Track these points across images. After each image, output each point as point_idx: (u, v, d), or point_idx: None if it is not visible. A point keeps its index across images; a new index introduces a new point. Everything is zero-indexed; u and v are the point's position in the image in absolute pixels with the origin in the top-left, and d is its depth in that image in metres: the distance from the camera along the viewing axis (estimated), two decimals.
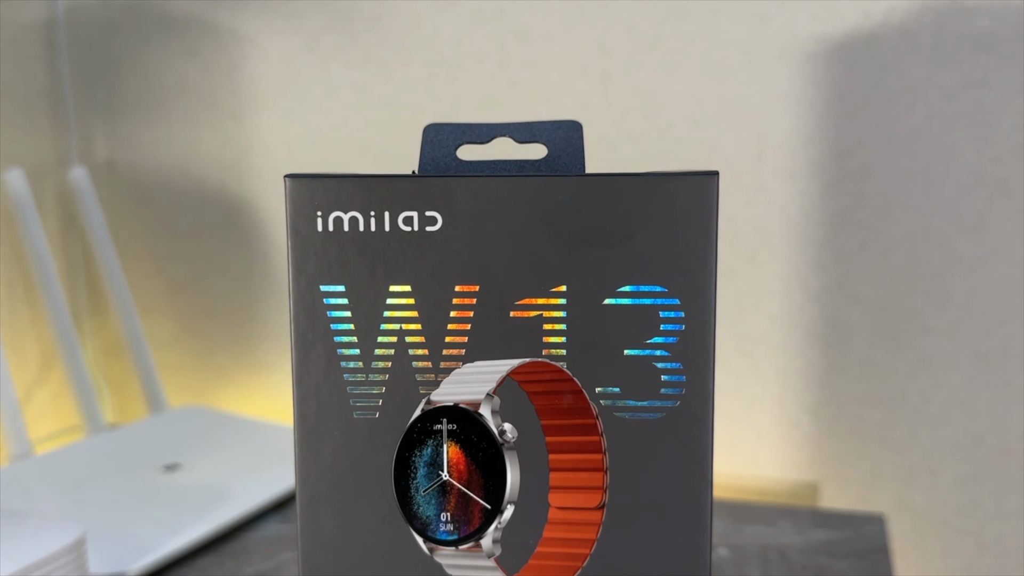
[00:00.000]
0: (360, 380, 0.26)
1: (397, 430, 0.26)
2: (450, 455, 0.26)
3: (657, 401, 0.26)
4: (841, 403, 0.61)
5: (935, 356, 0.59)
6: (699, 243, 0.25)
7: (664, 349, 0.26)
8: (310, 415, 0.27)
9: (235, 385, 0.74)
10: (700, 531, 0.27)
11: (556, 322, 0.26)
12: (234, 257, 0.72)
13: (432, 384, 0.26)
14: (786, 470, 0.63)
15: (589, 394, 0.26)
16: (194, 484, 0.55)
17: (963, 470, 0.59)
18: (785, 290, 0.61)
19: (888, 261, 0.59)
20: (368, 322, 0.26)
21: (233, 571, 0.48)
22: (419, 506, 0.27)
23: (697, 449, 0.26)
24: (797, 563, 0.49)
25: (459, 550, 0.27)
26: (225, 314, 0.74)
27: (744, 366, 0.62)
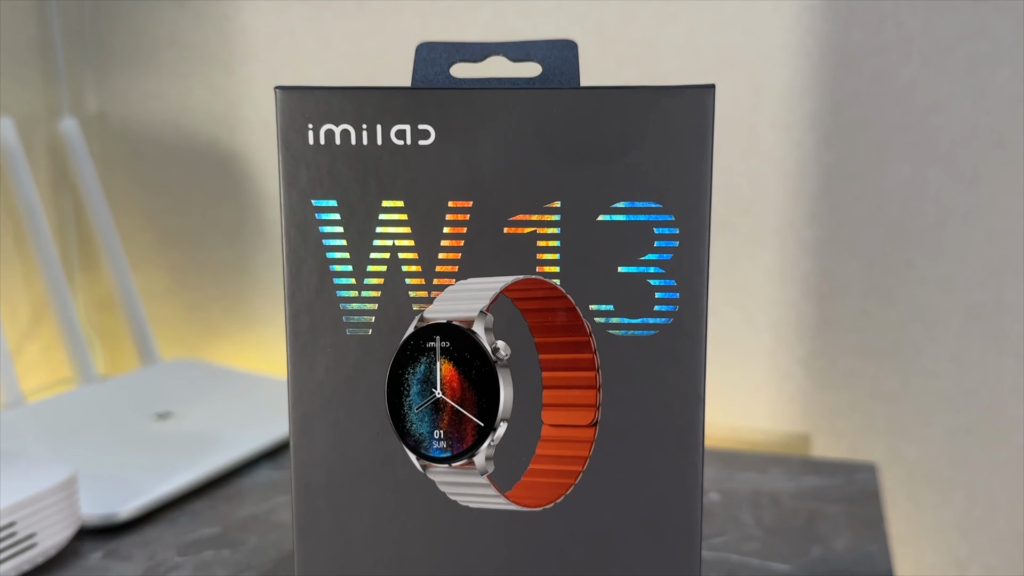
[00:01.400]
0: (353, 296, 0.26)
1: (390, 347, 0.26)
2: (443, 372, 0.26)
3: (650, 319, 0.26)
4: (834, 355, 0.61)
5: (928, 308, 0.59)
6: (695, 158, 0.25)
7: (658, 266, 0.26)
8: (302, 332, 0.26)
9: (228, 339, 0.74)
10: (692, 448, 0.27)
11: (550, 239, 0.26)
12: (226, 210, 0.72)
13: (425, 301, 0.26)
14: (778, 422, 0.63)
15: (582, 311, 0.26)
16: (186, 431, 0.55)
17: (955, 422, 0.59)
18: (780, 242, 0.61)
19: (882, 213, 0.59)
20: (360, 237, 0.26)
21: (226, 514, 0.48)
22: (412, 423, 0.27)
23: (689, 366, 0.26)
24: (788, 507, 0.49)
25: (452, 467, 0.27)
26: (217, 268, 0.73)
27: (738, 319, 0.62)
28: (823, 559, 0.43)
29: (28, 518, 0.40)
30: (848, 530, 0.46)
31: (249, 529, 0.46)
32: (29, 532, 0.40)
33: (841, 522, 0.47)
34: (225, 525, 0.47)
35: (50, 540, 0.41)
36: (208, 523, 0.47)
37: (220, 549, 0.44)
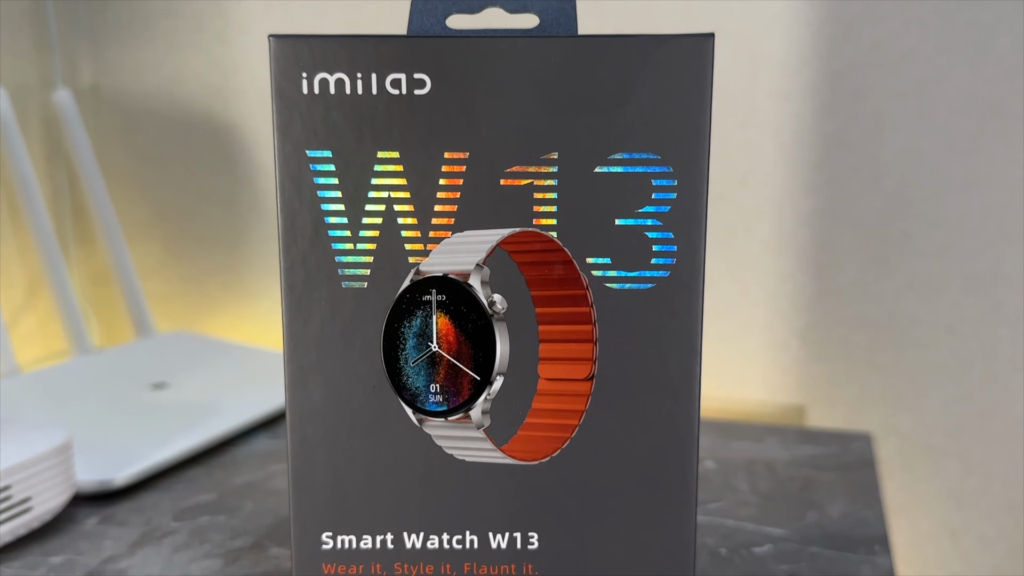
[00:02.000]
0: (348, 249, 0.26)
1: (386, 300, 0.26)
2: (439, 326, 0.26)
3: (647, 271, 0.26)
4: (830, 326, 0.61)
5: (925, 279, 0.59)
6: (693, 109, 0.25)
7: (656, 218, 0.26)
8: (297, 285, 0.26)
9: (224, 313, 0.74)
10: (688, 402, 0.27)
11: (547, 191, 0.26)
12: (221, 183, 0.72)
13: (421, 254, 0.26)
14: (774, 393, 0.63)
15: (579, 265, 0.26)
16: (182, 401, 0.55)
17: (950, 393, 0.60)
18: (776, 213, 0.61)
19: (880, 184, 0.59)
20: (356, 189, 0.26)
21: (222, 481, 0.48)
22: (408, 377, 0.27)
23: (687, 320, 0.26)
24: (784, 475, 0.49)
25: (448, 421, 0.27)
26: (213, 241, 0.73)
27: (734, 290, 0.62)
28: (818, 524, 0.43)
29: (23, 482, 0.40)
30: (843, 497, 0.46)
31: (245, 496, 0.46)
32: (24, 496, 0.40)
33: (836, 489, 0.47)
34: (221, 492, 0.47)
35: (45, 505, 0.41)
36: (204, 490, 0.47)
37: (216, 515, 0.44)
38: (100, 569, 0.39)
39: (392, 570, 0.28)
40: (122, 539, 0.42)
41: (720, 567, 0.39)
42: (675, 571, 0.27)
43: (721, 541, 0.41)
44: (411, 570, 0.28)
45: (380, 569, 0.28)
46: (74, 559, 0.40)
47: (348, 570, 0.28)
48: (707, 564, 0.39)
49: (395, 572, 0.28)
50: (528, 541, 0.27)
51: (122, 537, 0.42)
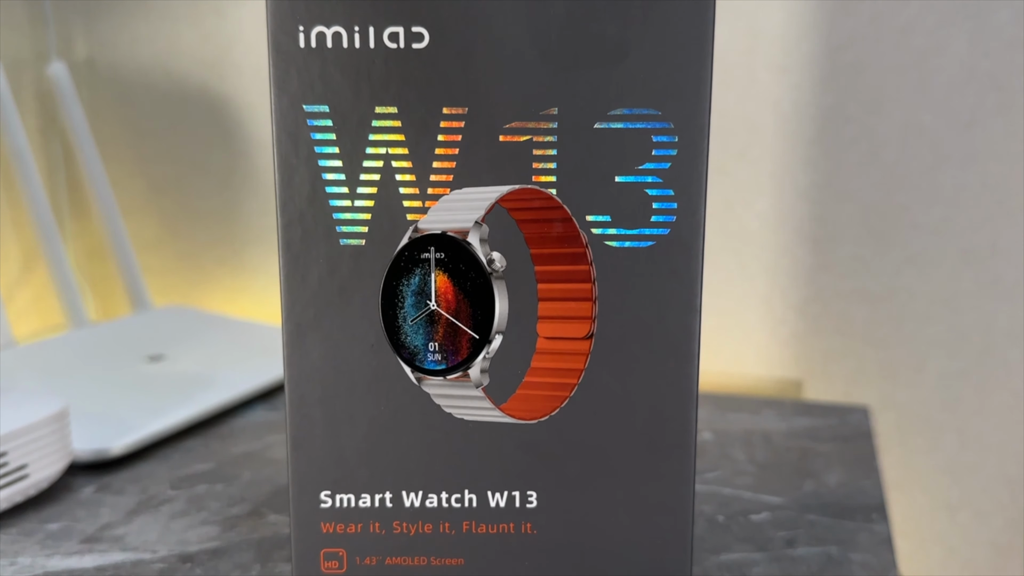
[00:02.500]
0: (346, 206, 0.26)
1: (384, 258, 0.26)
2: (438, 284, 0.26)
3: (647, 229, 0.26)
4: (827, 300, 0.61)
5: (923, 253, 0.59)
6: (694, 64, 0.25)
7: (656, 175, 0.26)
8: (295, 242, 0.26)
9: (220, 288, 0.74)
10: (687, 361, 0.27)
11: (546, 147, 0.25)
12: (217, 157, 0.71)
13: (420, 211, 0.26)
14: (771, 368, 0.63)
15: (579, 222, 0.26)
16: (179, 373, 0.55)
17: (947, 367, 0.60)
18: (775, 187, 0.61)
19: (878, 157, 0.59)
20: (353, 145, 0.25)
21: (219, 451, 0.48)
22: (407, 336, 0.26)
23: (686, 278, 0.26)
24: (781, 446, 0.49)
25: (447, 380, 0.27)
26: (209, 215, 0.73)
27: (732, 264, 0.62)
28: (815, 493, 0.43)
29: (19, 449, 0.40)
30: (841, 467, 0.46)
31: (243, 465, 0.46)
32: (20, 463, 0.40)
33: (834, 459, 0.47)
34: (219, 461, 0.47)
35: (42, 472, 0.41)
36: (201, 459, 0.47)
37: (214, 483, 0.44)
38: (97, 535, 0.39)
39: (391, 529, 0.28)
40: (119, 507, 0.41)
41: (717, 534, 0.39)
42: (674, 529, 0.27)
43: (718, 509, 0.41)
44: (410, 529, 0.28)
45: (379, 528, 0.28)
46: (71, 526, 0.40)
47: (347, 529, 0.28)
48: (704, 530, 0.39)
49: (393, 531, 0.28)
50: (527, 500, 0.27)
51: (119, 505, 0.42)
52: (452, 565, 0.28)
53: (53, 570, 0.36)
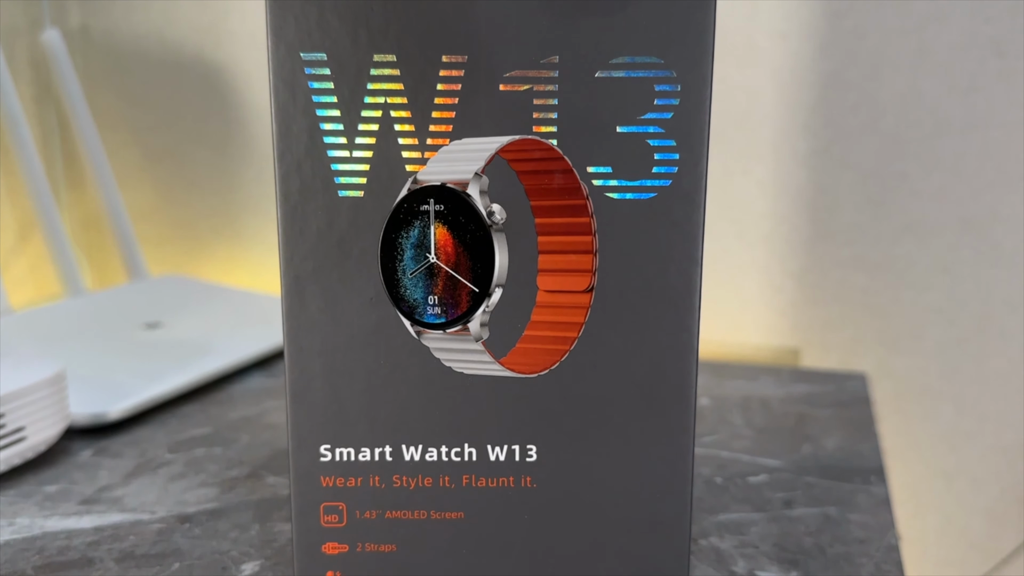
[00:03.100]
0: (344, 157, 0.26)
1: (383, 210, 0.26)
2: (437, 237, 0.26)
3: (649, 181, 0.26)
4: (826, 269, 0.61)
5: (922, 221, 0.59)
6: (697, 11, 0.25)
7: (658, 125, 0.25)
8: (293, 193, 0.26)
9: (216, 258, 0.74)
10: (688, 313, 0.26)
11: (547, 96, 0.25)
12: (213, 125, 0.71)
13: (419, 162, 0.26)
14: (768, 337, 0.63)
15: (580, 174, 0.26)
16: (176, 340, 0.55)
17: (946, 335, 0.60)
18: (774, 155, 0.60)
19: (878, 124, 0.58)
20: (351, 94, 0.25)
21: (217, 416, 0.48)
22: (406, 289, 0.26)
23: (687, 230, 0.26)
24: (779, 411, 0.49)
25: (447, 334, 0.27)
26: (205, 185, 0.72)
27: (730, 233, 0.62)
28: (813, 456, 0.43)
29: (16, 411, 0.40)
30: (839, 431, 0.46)
31: (241, 429, 0.46)
32: (18, 426, 0.40)
33: (831, 424, 0.47)
34: (217, 426, 0.47)
35: (39, 435, 0.41)
36: (199, 424, 0.47)
37: (212, 447, 0.44)
38: (95, 497, 0.39)
39: (390, 483, 0.27)
40: (117, 470, 0.41)
41: (715, 494, 0.39)
42: (673, 483, 0.27)
43: (716, 471, 0.41)
44: (409, 483, 0.27)
45: (378, 482, 0.27)
46: (69, 488, 0.40)
47: (346, 483, 0.27)
48: (702, 492, 0.39)
49: (393, 485, 0.28)
50: (527, 454, 0.27)
51: (117, 468, 0.42)
52: (452, 519, 0.28)
53: (51, 530, 0.36)
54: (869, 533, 0.36)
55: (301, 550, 0.28)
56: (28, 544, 0.35)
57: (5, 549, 0.34)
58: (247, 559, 0.33)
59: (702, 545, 0.35)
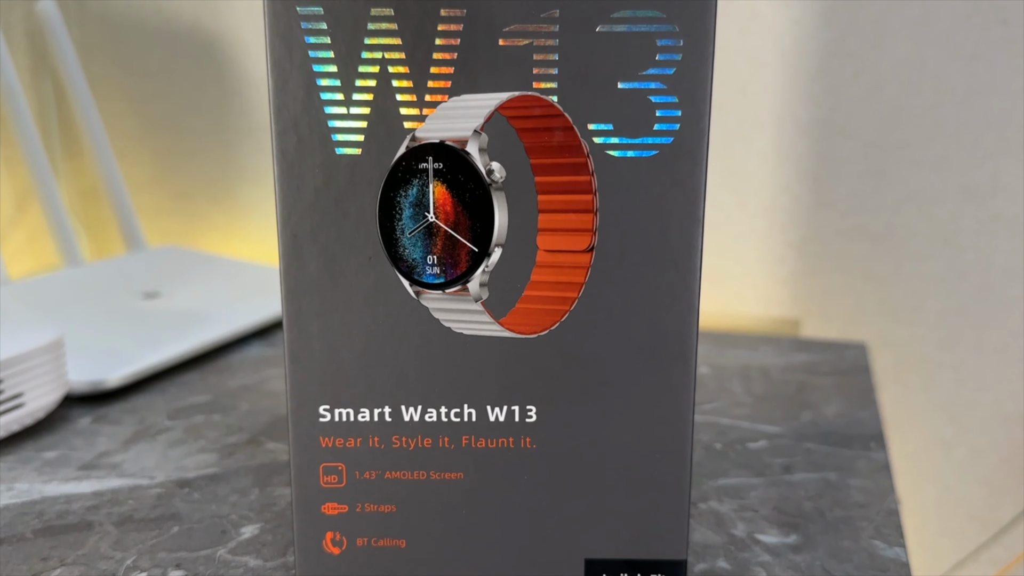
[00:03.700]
0: (341, 113, 0.25)
1: (381, 168, 0.26)
2: (436, 195, 0.26)
3: (650, 138, 0.25)
4: (827, 239, 0.61)
5: (923, 190, 0.58)
6: None
7: (660, 81, 0.25)
8: (290, 150, 0.26)
9: (215, 229, 0.73)
10: (689, 272, 0.26)
11: (547, 51, 0.25)
12: (210, 95, 0.70)
13: (417, 119, 0.25)
14: (768, 307, 0.63)
15: (580, 131, 0.25)
16: (175, 309, 0.55)
17: (946, 305, 0.59)
18: (776, 124, 0.60)
19: (880, 93, 0.58)
20: (348, 49, 0.25)
21: (216, 384, 0.48)
22: (405, 248, 0.26)
23: (689, 188, 0.26)
24: (779, 379, 0.49)
25: (446, 294, 0.26)
26: (203, 155, 0.72)
27: (731, 203, 0.62)
28: (813, 423, 0.43)
29: (14, 377, 0.40)
30: (838, 399, 0.46)
31: (240, 397, 0.46)
32: (16, 392, 0.40)
33: (831, 392, 0.47)
34: (216, 393, 0.46)
35: (38, 401, 0.41)
36: (198, 392, 0.47)
37: (211, 414, 0.44)
38: (94, 463, 0.39)
39: (390, 443, 0.27)
40: (116, 436, 0.41)
41: (715, 460, 0.39)
42: (673, 443, 0.27)
43: (716, 437, 0.41)
44: (409, 443, 0.27)
45: (378, 442, 0.27)
46: (68, 454, 0.40)
47: (346, 443, 0.27)
48: (701, 457, 0.39)
49: (393, 445, 0.27)
50: (526, 414, 0.27)
51: (116, 434, 0.42)
52: (451, 479, 0.28)
53: (51, 495, 0.36)
54: (869, 498, 0.36)
55: (300, 510, 0.28)
56: (27, 508, 0.35)
57: (4, 513, 0.34)
58: (246, 522, 0.33)
59: (701, 509, 0.35)
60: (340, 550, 0.28)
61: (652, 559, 0.28)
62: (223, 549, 0.32)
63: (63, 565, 0.31)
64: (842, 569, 0.30)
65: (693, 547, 0.32)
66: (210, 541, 0.32)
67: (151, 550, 0.32)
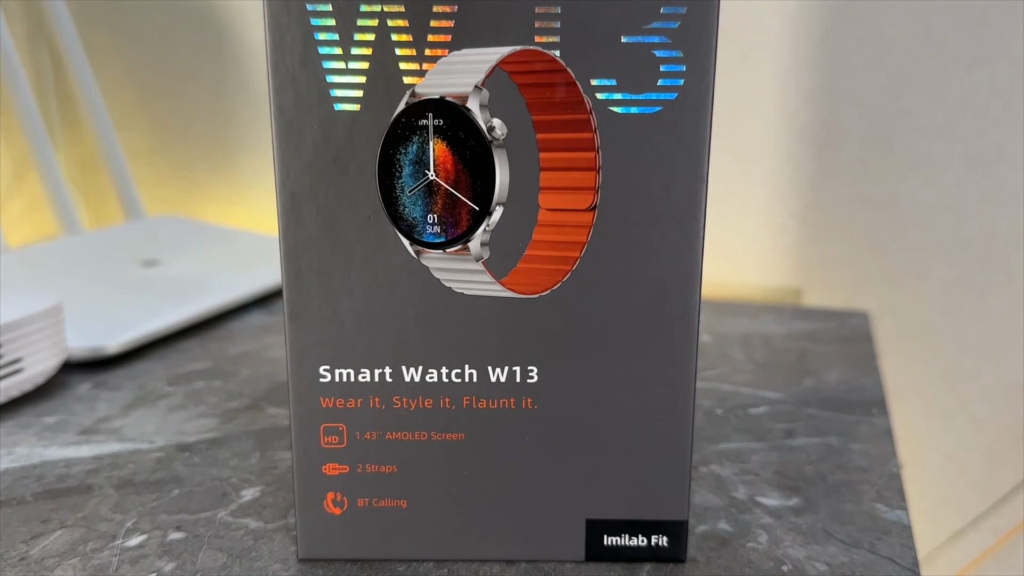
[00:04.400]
0: (340, 68, 0.25)
1: (380, 124, 0.25)
2: (436, 153, 0.25)
3: (654, 94, 0.25)
4: (830, 207, 0.60)
5: (927, 158, 0.58)
6: None
7: (664, 35, 0.25)
8: (287, 107, 0.25)
9: (214, 199, 0.73)
10: (693, 232, 0.26)
11: (550, 4, 0.24)
12: (208, 63, 0.70)
13: (417, 74, 0.25)
14: (770, 276, 0.62)
15: (583, 86, 0.25)
16: (174, 277, 0.55)
17: (949, 274, 0.59)
18: (779, 91, 0.59)
19: (885, 60, 0.57)
20: (347, 2, 0.24)
21: (217, 351, 0.48)
22: (405, 207, 0.26)
23: (694, 145, 0.25)
24: (780, 347, 0.49)
25: (446, 253, 0.26)
26: (201, 124, 0.71)
27: (734, 171, 0.61)
28: (815, 389, 0.43)
29: (13, 342, 0.39)
30: (840, 366, 0.46)
31: (241, 363, 0.46)
32: (15, 357, 0.40)
33: (833, 359, 0.47)
34: (216, 360, 0.46)
35: (37, 367, 0.41)
36: (199, 359, 0.47)
37: (211, 380, 0.44)
38: (94, 427, 0.39)
39: (391, 404, 0.27)
40: (116, 402, 0.41)
41: (716, 425, 0.39)
42: (675, 404, 0.27)
43: (717, 403, 0.41)
44: (410, 404, 0.27)
45: (379, 403, 0.27)
46: (67, 419, 0.39)
47: (346, 404, 0.27)
48: (703, 422, 0.39)
49: (394, 406, 0.27)
50: (528, 375, 0.27)
51: (116, 400, 0.41)
52: (452, 440, 0.27)
53: (50, 459, 0.36)
54: (871, 462, 0.36)
55: (301, 471, 0.28)
56: (27, 472, 0.35)
57: (4, 477, 0.34)
58: (247, 485, 0.33)
59: (702, 472, 0.35)
60: (341, 510, 0.28)
61: (653, 519, 0.28)
62: (224, 511, 0.32)
63: (63, 527, 0.31)
64: (844, 531, 0.30)
65: (694, 509, 0.32)
66: (211, 503, 0.32)
67: (151, 512, 0.31)
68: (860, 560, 0.29)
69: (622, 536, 0.28)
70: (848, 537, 0.30)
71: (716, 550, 0.29)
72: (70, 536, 0.30)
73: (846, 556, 0.29)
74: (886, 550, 0.29)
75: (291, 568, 0.28)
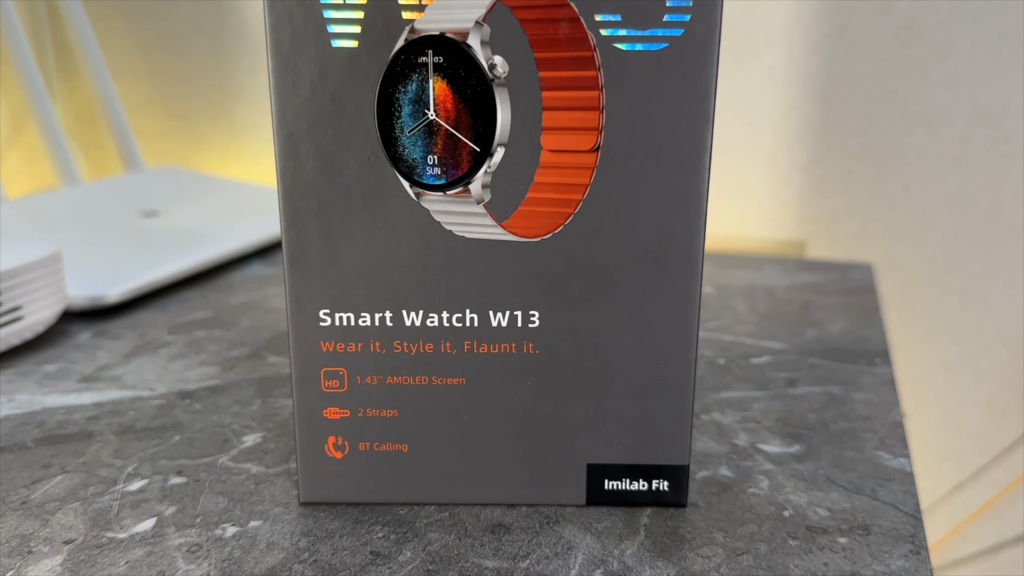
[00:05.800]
0: (336, 3, 0.24)
1: (379, 62, 0.25)
2: (436, 92, 0.25)
3: (660, 30, 0.24)
4: (835, 159, 0.60)
5: (934, 109, 0.57)
6: None
7: None
8: (284, 43, 0.25)
9: (213, 150, 0.72)
10: (698, 173, 0.26)
11: None
12: (206, 13, 0.69)
13: (416, 9, 0.24)
14: (774, 229, 0.62)
15: (587, 22, 0.24)
16: (174, 227, 0.54)
17: (954, 227, 0.59)
18: (785, 40, 0.58)
19: (892, 8, 0.56)
20: None
21: (217, 301, 0.47)
22: (404, 148, 0.25)
23: (700, 83, 0.25)
24: (783, 298, 0.49)
25: (447, 195, 0.26)
26: (200, 76, 0.71)
27: (739, 122, 0.61)
28: (818, 339, 0.43)
29: (12, 290, 0.39)
30: (843, 316, 0.46)
31: (241, 313, 0.46)
32: (14, 305, 0.39)
33: (837, 311, 0.47)
34: (216, 310, 0.46)
35: (36, 315, 0.41)
36: (199, 308, 0.46)
37: (212, 329, 0.44)
38: (95, 375, 0.38)
39: (391, 348, 0.27)
40: (116, 350, 0.41)
41: (718, 374, 0.39)
42: (677, 348, 0.27)
43: (719, 353, 0.41)
44: (411, 348, 0.27)
45: (379, 347, 0.27)
46: (68, 367, 0.39)
47: (347, 348, 0.27)
48: (704, 372, 0.39)
49: (394, 350, 0.27)
50: (529, 319, 0.27)
51: (116, 349, 0.41)
52: (453, 384, 0.27)
53: (51, 406, 0.36)
54: (873, 411, 0.35)
55: (302, 415, 0.28)
56: (28, 419, 0.35)
57: (5, 423, 0.34)
58: (248, 431, 0.33)
59: (703, 420, 0.34)
60: (342, 454, 0.28)
61: (654, 464, 0.28)
62: (225, 456, 0.32)
63: (64, 472, 0.31)
64: (846, 478, 0.30)
65: (695, 456, 0.32)
66: (212, 449, 0.32)
67: (152, 458, 0.31)
68: (862, 506, 0.29)
69: (623, 480, 0.28)
70: (850, 484, 0.30)
71: (717, 495, 0.29)
72: (71, 481, 0.30)
73: (848, 502, 0.29)
74: (888, 496, 0.29)
75: (292, 511, 0.28)
